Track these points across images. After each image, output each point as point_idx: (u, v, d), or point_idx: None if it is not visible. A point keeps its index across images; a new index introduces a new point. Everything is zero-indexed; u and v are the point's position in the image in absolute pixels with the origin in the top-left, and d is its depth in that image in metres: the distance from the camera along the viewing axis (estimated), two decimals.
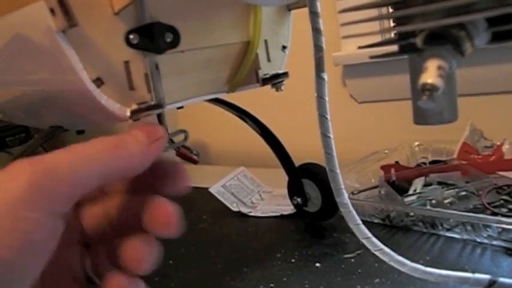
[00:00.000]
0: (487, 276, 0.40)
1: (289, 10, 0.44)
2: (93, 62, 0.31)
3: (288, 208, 0.73)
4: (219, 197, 0.79)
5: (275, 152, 0.68)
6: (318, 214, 0.66)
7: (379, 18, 0.32)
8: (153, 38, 0.33)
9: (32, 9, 0.30)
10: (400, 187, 0.68)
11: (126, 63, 0.33)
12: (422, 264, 0.49)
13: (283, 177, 0.69)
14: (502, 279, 0.40)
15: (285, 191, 0.70)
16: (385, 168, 0.73)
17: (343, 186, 0.43)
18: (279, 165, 0.69)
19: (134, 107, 0.33)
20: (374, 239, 0.43)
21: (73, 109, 0.36)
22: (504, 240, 0.51)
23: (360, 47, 0.32)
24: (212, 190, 0.80)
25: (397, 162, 0.77)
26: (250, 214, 0.76)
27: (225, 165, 1.11)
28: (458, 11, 0.25)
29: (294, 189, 0.68)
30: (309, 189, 0.66)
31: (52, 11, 0.28)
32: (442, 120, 0.34)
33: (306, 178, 0.66)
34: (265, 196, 0.83)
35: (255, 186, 0.85)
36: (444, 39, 0.26)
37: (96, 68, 0.31)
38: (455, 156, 0.75)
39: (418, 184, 0.66)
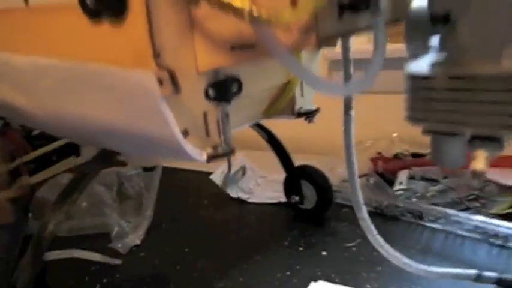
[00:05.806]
0: (474, 271, 0.50)
1: (319, 49, 0.50)
2: (181, 116, 0.36)
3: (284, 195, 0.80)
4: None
5: (274, 149, 0.74)
6: (311, 211, 0.73)
7: None
8: (226, 90, 0.39)
9: (135, 75, 0.33)
10: (386, 178, 0.77)
11: (205, 114, 0.38)
12: (413, 253, 0.59)
13: (274, 160, 0.75)
14: (486, 273, 0.49)
15: (279, 176, 0.77)
16: (374, 160, 0.82)
17: (362, 202, 0.51)
18: (268, 147, 0.75)
19: (209, 150, 0.39)
20: (388, 246, 0.51)
21: (149, 147, 0.40)
22: (480, 233, 0.62)
23: None
24: (213, 178, 0.85)
25: (379, 153, 0.86)
26: (249, 200, 0.83)
27: None
28: None
29: (292, 189, 0.75)
30: (304, 189, 0.74)
31: (160, 81, 0.32)
32: (455, 166, 0.41)
33: (303, 179, 0.73)
34: (260, 181, 0.90)
35: (252, 173, 0.91)
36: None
37: (184, 121, 0.36)
38: None
39: (403, 176, 0.76)
